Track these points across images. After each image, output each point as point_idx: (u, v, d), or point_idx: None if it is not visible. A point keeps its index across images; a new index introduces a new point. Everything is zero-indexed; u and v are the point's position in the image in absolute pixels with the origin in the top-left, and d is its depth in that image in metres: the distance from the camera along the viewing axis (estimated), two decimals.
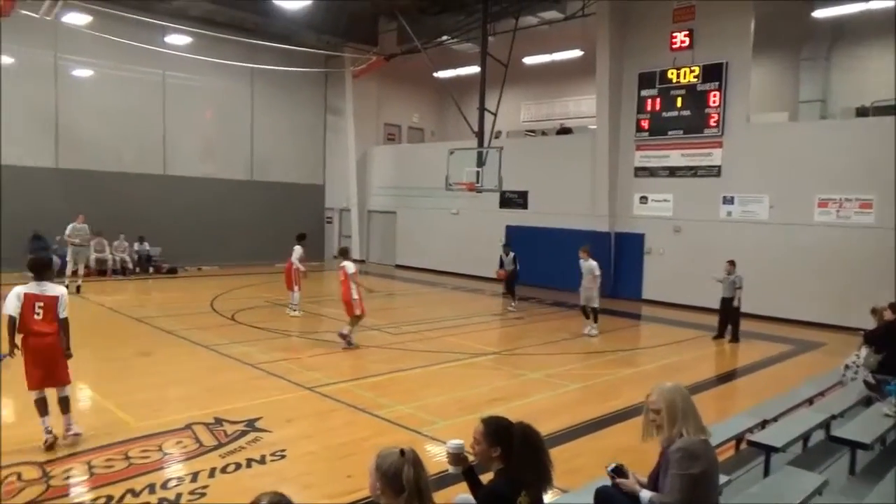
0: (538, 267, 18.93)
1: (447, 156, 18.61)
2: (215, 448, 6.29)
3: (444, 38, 20.15)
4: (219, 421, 7.01)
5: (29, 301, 6.04)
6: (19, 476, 5.46)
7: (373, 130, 26.28)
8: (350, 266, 10.97)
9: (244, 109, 23.73)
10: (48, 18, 15.29)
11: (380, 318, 13.43)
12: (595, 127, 19.15)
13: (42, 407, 6.18)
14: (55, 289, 6.27)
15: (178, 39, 20.28)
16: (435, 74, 23.93)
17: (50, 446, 6.03)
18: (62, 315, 6.19)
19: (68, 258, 16.21)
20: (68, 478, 5.52)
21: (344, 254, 11.71)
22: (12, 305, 6.00)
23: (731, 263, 12.72)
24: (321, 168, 26.43)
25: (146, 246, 20.26)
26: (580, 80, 22.44)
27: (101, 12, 17.56)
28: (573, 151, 19.74)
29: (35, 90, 18.96)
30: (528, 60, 22.13)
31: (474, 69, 22.29)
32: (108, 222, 19.02)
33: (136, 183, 20.65)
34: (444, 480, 4.71)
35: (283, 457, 6.17)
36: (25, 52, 18.59)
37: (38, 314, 6.06)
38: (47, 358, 6.15)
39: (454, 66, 23.74)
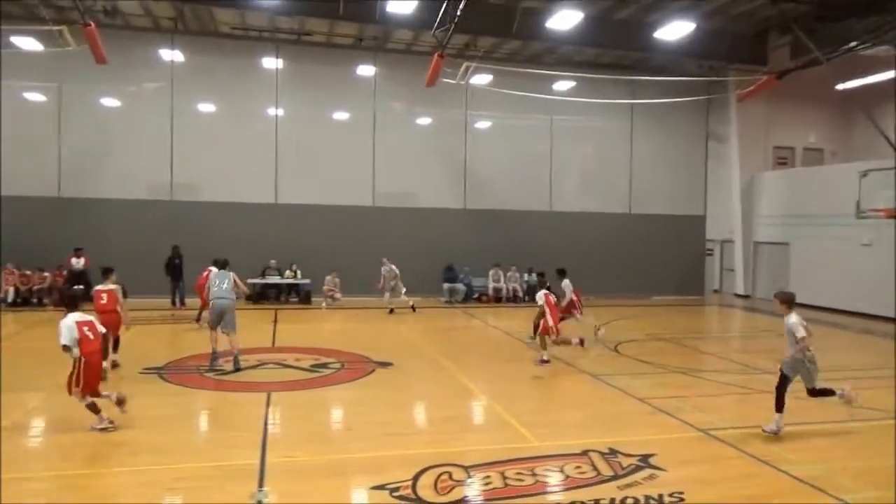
0: None
1: (857, 178, 16.11)
2: (612, 479, 6.43)
3: (853, 44, 17.58)
4: (613, 451, 7.15)
5: None
6: (450, 475, 6.39)
7: (760, 155, 24.30)
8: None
9: (623, 144, 24.26)
10: (462, 82, 17.97)
11: (772, 361, 12.13)
12: None
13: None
14: None
15: (564, 85, 21.84)
16: (838, 87, 21.08)
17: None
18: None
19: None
20: (488, 483, 6.25)
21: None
22: None
23: None
24: (702, 198, 25.35)
25: (534, 277, 22.02)
26: None
27: (500, 71, 20.05)
28: None
29: (449, 143, 22.49)
30: None
31: (887, 75, 19.02)
32: (504, 255, 21.45)
33: (526, 219, 22.75)
34: None
35: (681, 500, 5.99)
36: (443, 112, 22.22)
37: None
38: None
39: (862, 75, 20.52)
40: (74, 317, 7.65)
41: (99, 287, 10.43)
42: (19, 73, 18.83)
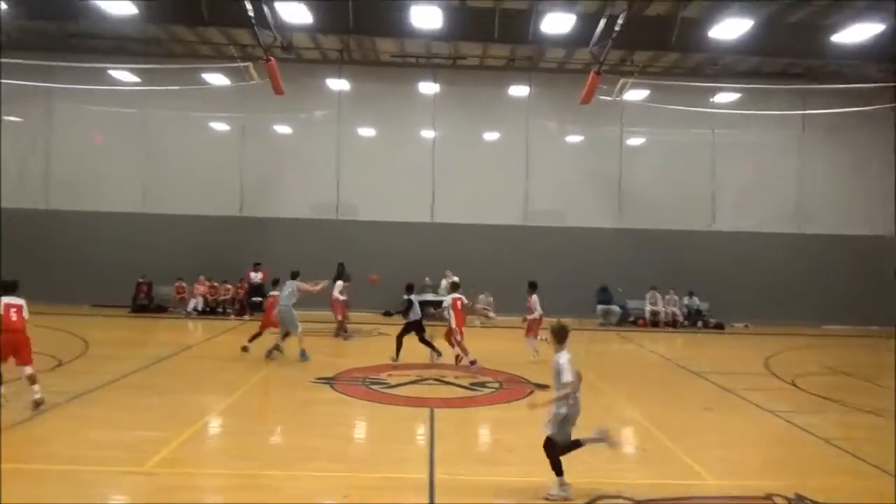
0: None
1: None
2: None
3: None
4: (801, 498, 6.55)
5: None
6: None
7: None
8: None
9: (791, 158, 22.44)
10: (617, 98, 17.58)
11: None
12: None
13: None
14: None
15: (726, 97, 20.66)
16: None
17: None
18: None
19: None
20: None
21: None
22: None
23: None
24: (891, 217, 22.67)
25: (695, 300, 20.93)
26: None
27: (657, 85, 19.38)
28: None
29: (603, 161, 22.05)
30: None
31: None
32: (661, 277, 20.58)
33: (685, 239, 21.69)
34: None
35: None
36: (597, 130, 21.86)
37: None
38: None
39: None
40: None
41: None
42: (209, 106, 21.16)
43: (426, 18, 16.38)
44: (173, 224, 20.96)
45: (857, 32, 16.30)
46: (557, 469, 6.43)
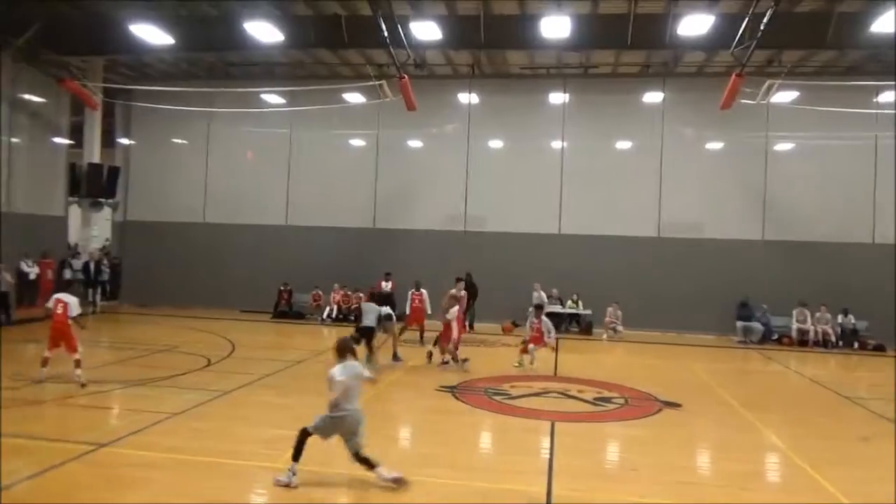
0: None
1: None
2: None
3: None
4: None
5: None
6: None
7: None
8: None
9: None
10: (762, 102, 16.45)
11: None
12: None
13: None
14: None
15: (890, 97, 18.68)
16: None
17: None
18: None
19: None
20: None
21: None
22: None
23: None
24: None
25: (851, 319, 18.98)
26: None
27: (808, 86, 17.92)
28: None
29: (745, 168, 20.71)
30: None
31: None
32: (811, 292, 18.89)
33: (840, 252, 19.79)
34: None
35: None
36: (738, 136, 20.59)
37: None
38: None
39: None
40: None
41: None
42: (347, 123, 22.35)
43: (556, 28, 16.29)
44: (313, 236, 22.28)
45: None
46: (296, 455, 6.60)
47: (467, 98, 22.19)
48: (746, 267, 20.04)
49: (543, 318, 13.60)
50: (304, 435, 6.70)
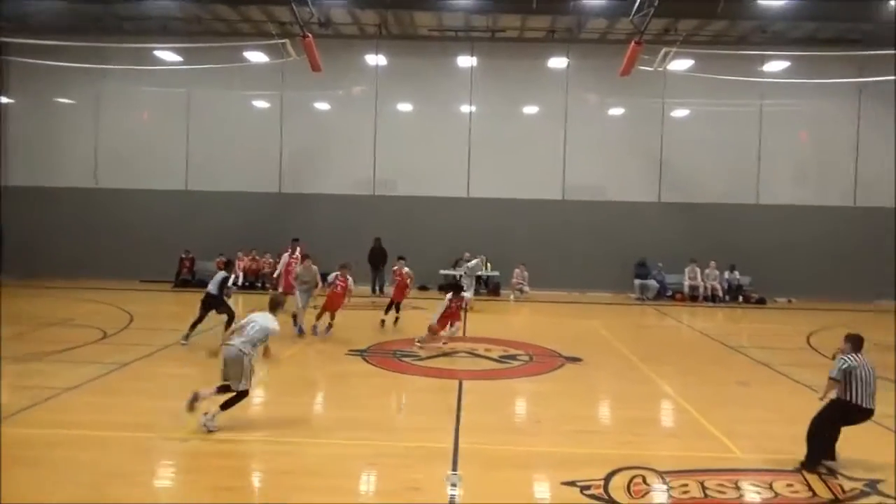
0: None
1: None
2: (832, 503, 5.77)
3: None
4: (832, 472, 6.40)
5: None
6: (644, 479, 6.14)
7: None
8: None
9: (847, 129, 21.49)
10: (659, 69, 17.11)
11: None
12: None
13: None
14: None
15: (776, 66, 19.90)
16: None
17: None
18: None
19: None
20: (686, 492, 5.91)
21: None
22: None
23: None
24: None
25: (736, 275, 20.43)
26: None
27: (701, 55, 18.77)
28: None
29: (644, 133, 21.59)
30: None
31: None
32: (702, 250, 20.17)
33: (728, 212, 21.13)
34: None
35: None
36: (638, 102, 21.36)
37: None
38: None
39: None
40: None
41: None
42: (249, 84, 21.47)
43: None
44: (215, 201, 21.45)
45: None
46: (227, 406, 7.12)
47: (375, 60, 21.79)
48: (644, 227, 21.05)
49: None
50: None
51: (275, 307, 7.60)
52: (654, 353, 12.48)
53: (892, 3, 16.39)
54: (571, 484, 5.97)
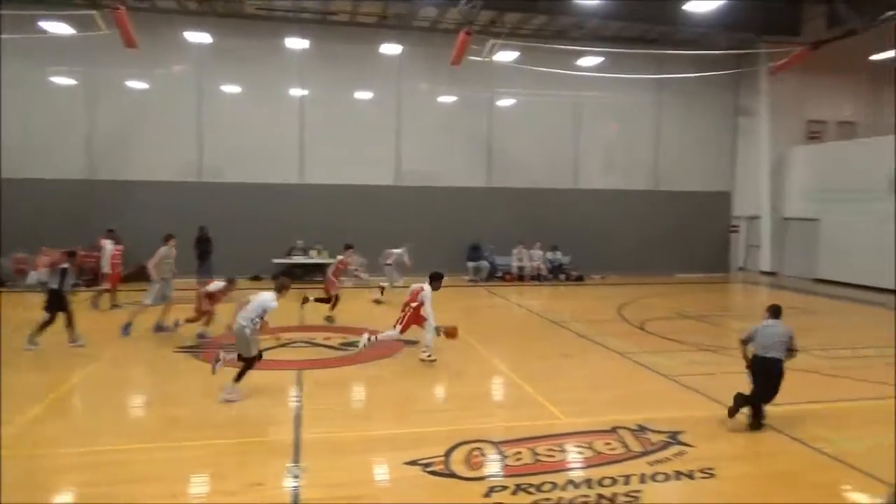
0: None
1: (892, 152, 15.72)
2: (642, 455, 6.50)
3: (889, 13, 17.11)
4: (642, 428, 7.20)
5: None
6: (482, 451, 6.50)
7: (791, 130, 23.77)
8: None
9: (650, 120, 23.95)
10: (487, 59, 17.85)
11: (801, 339, 12.03)
12: None
13: None
14: None
15: (591, 61, 21.54)
16: (871, 58, 20.60)
17: None
18: None
19: None
20: (519, 459, 6.35)
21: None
22: None
23: None
24: (729, 174, 24.98)
25: (558, 255, 22.01)
26: None
27: (526, 47, 19.86)
28: None
29: (474, 121, 22.43)
30: None
31: None
32: (529, 233, 21.48)
33: (551, 197, 22.67)
34: None
35: (711, 475, 6.04)
36: (468, 91, 22.11)
37: None
38: None
39: None
40: None
41: None
42: (50, 58, 19.19)
43: None
44: (11, 189, 18.94)
45: (705, 2, 17.44)
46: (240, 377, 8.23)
47: (198, 37, 20.40)
48: (475, 211, 21.94)
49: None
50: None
51: (280, 290, 8.55)
52: (487, 331, 13.12)
53: (684, 7, 18.34)
54: (414, 463, 6.17)
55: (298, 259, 20.23)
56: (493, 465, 6.21)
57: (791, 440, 7.01)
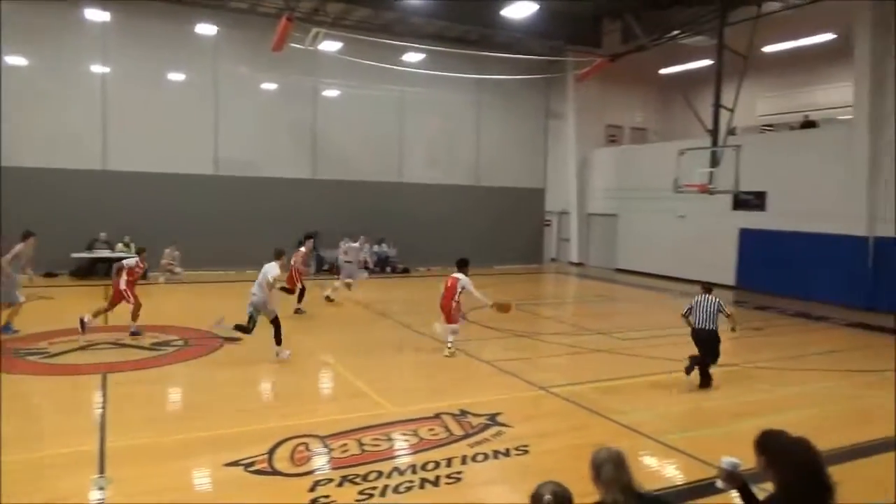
0: (779, 274, 17.54)
1: (676, 156, 17.85)
2: (463, 438, 6.80)
3: (675, 32, 19.33)
4: (464, 413, 7.53)
5: None
6: (307, 446, 6.41)
7: (594, 133, 26.06)
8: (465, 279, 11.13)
9: (471, 118, 24.96)
10: (310, 48, 17.48)
11: (604, 323, 13.34)
12: (850, 117, 17.15)
13: None
14: None
15: (414, 57, 21.94)
16: (661, 71, 23.15)
17: None
18: None
19: None
20: (346, 451, 6.35)
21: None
22: None
23: None
24: (543, 172, 26.83)
25: (385, 247, 22.22)
26: (830, 66, 20.19)
27: (350, 38, 19.72)
28: (822, 146, 17.86)
29: (298, 111, 21.87)
30: (769, 49, 20.38)
31: (703, 63, 21.15)
32: (355, 225, 21.30)
33: (376, 190, 22.79)
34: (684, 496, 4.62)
35: (525, 452, 6.48)
36: (291, 79, 21.50)
37: None
38: None
39: (682, 62, 22.70)
40: None
41: None
42: None
43: None
44: None
45: (520, 9, 18.45)
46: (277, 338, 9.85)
47: None
48: (301, 203, 21.41)
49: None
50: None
51: (279, 257, 10.54)
52: (312, 325, 12.94)
53: (502, 12, 19.29)
54: (235, 464, 5.93)
55: (102, 253, 18.42)
56: (318, 460, 6.15)
57: (593, 414, 7.73)
